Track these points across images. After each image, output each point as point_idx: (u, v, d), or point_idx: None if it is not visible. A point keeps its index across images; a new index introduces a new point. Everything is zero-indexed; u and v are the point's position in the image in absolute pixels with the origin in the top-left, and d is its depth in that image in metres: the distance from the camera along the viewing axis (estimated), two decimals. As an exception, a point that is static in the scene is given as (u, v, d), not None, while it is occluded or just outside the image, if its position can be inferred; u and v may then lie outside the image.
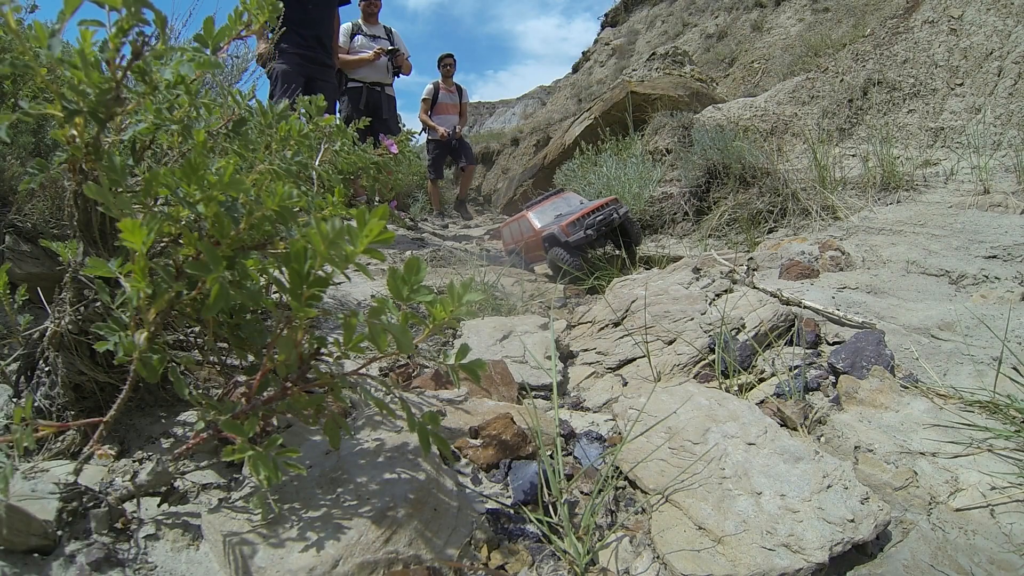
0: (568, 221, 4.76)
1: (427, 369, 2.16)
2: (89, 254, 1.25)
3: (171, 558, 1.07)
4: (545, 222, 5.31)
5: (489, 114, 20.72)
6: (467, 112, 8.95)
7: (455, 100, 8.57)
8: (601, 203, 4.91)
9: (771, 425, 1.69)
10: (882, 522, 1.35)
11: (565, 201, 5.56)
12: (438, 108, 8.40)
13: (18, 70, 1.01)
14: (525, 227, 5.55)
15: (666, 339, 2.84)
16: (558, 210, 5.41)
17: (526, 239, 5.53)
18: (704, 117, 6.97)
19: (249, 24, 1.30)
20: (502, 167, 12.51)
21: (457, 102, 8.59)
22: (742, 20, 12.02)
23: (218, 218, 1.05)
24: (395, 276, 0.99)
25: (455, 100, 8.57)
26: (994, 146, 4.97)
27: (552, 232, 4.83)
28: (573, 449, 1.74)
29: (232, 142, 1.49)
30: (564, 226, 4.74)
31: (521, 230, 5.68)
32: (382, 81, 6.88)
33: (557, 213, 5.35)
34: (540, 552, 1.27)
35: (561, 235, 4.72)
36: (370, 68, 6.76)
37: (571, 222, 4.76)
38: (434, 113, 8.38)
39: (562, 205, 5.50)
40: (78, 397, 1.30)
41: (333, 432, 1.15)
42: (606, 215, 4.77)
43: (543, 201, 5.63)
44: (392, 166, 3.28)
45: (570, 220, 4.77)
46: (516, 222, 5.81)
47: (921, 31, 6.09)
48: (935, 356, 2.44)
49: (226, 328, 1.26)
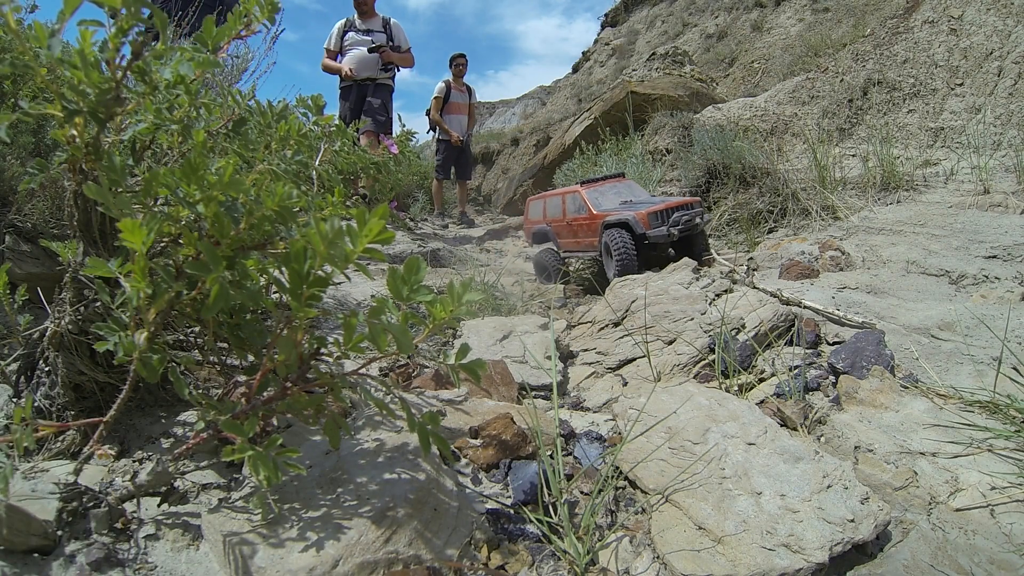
0: (650, 211, 4.16)
1: (427, 369, 2.16)
2: (89, 254, 1.25)
3: (171, 558, 1.07)
4: (607, 206, 4.64)
5: (489, 114, 20.72)
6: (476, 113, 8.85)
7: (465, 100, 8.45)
8: (686, 201, 4.36)
9: (771, 425, 1.69)
10: (882, 522, 1.35)
11: (628, 188, 4.94)
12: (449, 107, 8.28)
13: (18, 70, 1.01)
14: (574, 207, 4.82)
15: (666, 339, 2.85)
16: (623, 196, 4.79)
17: (572, 221, 4.82)
18: (704, 117, 6.97)
19: (249, 24, 1.30)
20: (502, 167, 12.51)
21: (467, 102, 8.47)
22: (742, 20, 12.02)
23: (218, 218, 1.05)
24: (395, 276, 0.99)
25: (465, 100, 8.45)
26: (994, 146, 4.97)
27: (624, 219, 4.23)
28: (573, 449, 1.74)
29: (232, 142, 1.49)
30: (644, 216, 4.12)
31: (566, 209, 4.93)
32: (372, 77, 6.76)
33: (624, 199, 4.73)
34: (540, 552, 1.27)
35: (638, 225, 4.14)
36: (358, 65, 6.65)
37: (653, 213, 4.15)
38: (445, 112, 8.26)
39: (625, 191, 4.87)
40: (78, 397, 1.30)
41: (333, 432, 1.15)
42: (692, 217, 4.23)
43: (599, 182, 4.96)
44: (392, 166, 3.28)
45: (652, 210, 4.16)
46: (558, 198, 5.06)
47: (921, 31, 6.09)
48: (935, 356, 2.44)
49: (226, 328, 1.26)
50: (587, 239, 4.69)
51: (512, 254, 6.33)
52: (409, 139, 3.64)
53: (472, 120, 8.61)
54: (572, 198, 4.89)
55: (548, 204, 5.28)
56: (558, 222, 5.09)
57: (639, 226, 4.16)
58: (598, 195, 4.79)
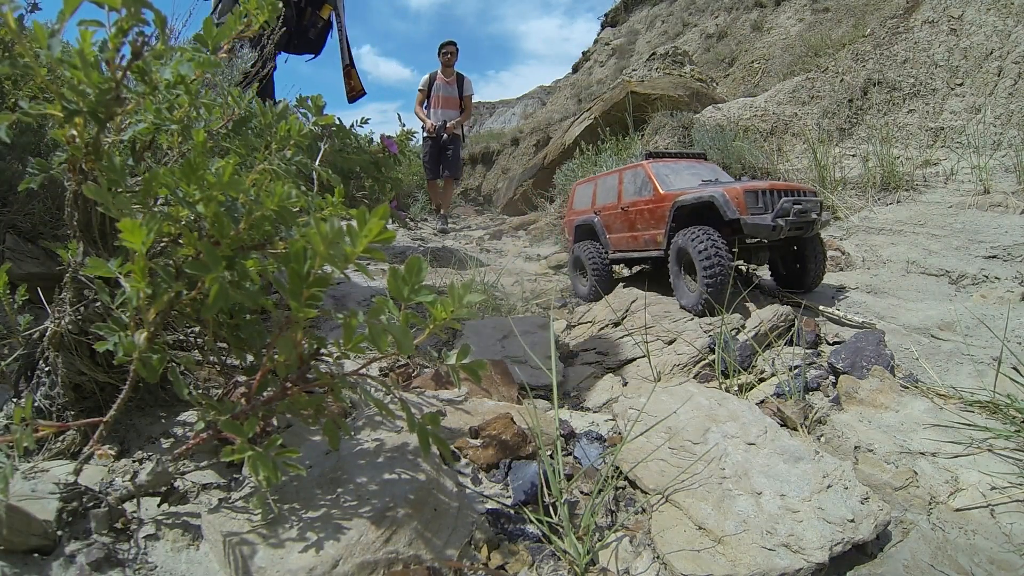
0: (747, 187, 2.95)
1: (427, 369, 2.16)
2: (89, 254, 1.25)
3: (171, 558, 1.07)
4: (681, 184, 3.49)
5: (489, 114, 20.74)
6: (470, 106, 7.75)
7: (453, 93, 7.46)
8: (797, 186, 3.12)
9: (771, 425, 1.69)
10: (882, 522, 1.35)
11: (709, 169, 3.82)
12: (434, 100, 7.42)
13: (18, 70, 1.01)
14: (633, 187, 3.67)
15: (666, 339, 2.85)
16: (701, 175, 3.68)
17: (628, 207, 3.64)
18: (704, 117, 6.97)
19: (249, 24, 1.30)
20: (502, 167, 12.52)
21: (456, 95, 7.48)
22: (742, 20, 12.03)
23: (218, 218, 1.05)
24: (396, 276, 0.99)
25: (453, 93, 7.46)
26: (994, 146, 4.97)
27: (708, 198, 3.02)
28: (573, 449, 1.74)
29: (232, 142, 1.49)
30: (740, 193, 2.91)
31: (622, 192, 3.76)
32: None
33: (703, 178, 3.63)
34: (540, 552, 1.26)
35: (728, 206, 2.91)
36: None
37: (751, 191, 2.92)
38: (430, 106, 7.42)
39: (705, 171, 3.76)
40: (78, 397, 1.30)
41: (333, 432, 1.15)
42: (808, 208, 2.96)
43: (671, 158, 3.85)
44: (392, 166, 3.28)
45: (750, 187, 2.95)
46: (613, 178, 3.93)
47: (921, 31, 6.10)
48: (935, 356, 2.44)
49: (226, 328, 1.26)
50: (648, 232, 3.46)
51: (512, 254, 6.32)
52: (409, 139, 3.64)
53: (466, 114, 7.67)
54: (633, 176, 3.69)
55: (600, 187, 4.06)
56: (609, 210, 3.85)
57: (730, 208, 2.90)
58: (669, 172, 3.57)
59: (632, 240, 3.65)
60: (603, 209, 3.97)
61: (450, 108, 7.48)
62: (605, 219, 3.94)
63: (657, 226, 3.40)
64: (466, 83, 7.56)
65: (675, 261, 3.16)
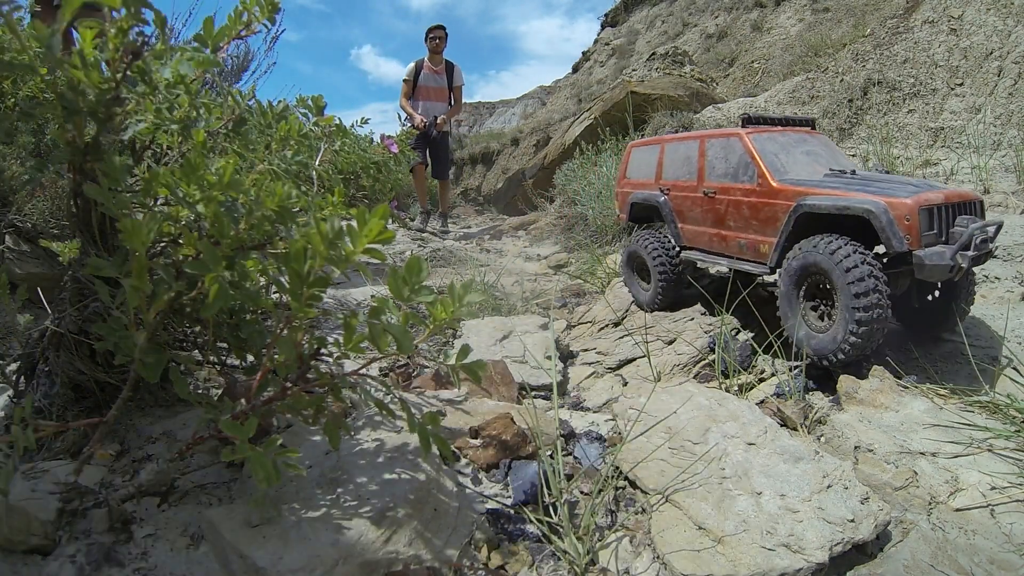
0: (923, 201, 2.04)
1: (427, 369, 2.16)
2: (89, 254, 1.25)
3: (171, 558, 1.07)
4: (799, 173, 2.49)
5: (489, 114, 20.75)
6: (461, 98, 6.89)
7: (441, 83, 6.60)
8: (966, 195, 2.21)
9: (771, 425, 1.69)
10: (882, 522, 1.35)
11: (824, 146, 2.75)
12: (419, 92, 6.58)
13: (18, 70, 1.01)
14: (724, 164, 2.70)
15: (666, 339, 2.85)
16: (819, 157, 2.65)
17: (718, 191, 2.70)
18: (704, 117, 6.97)
19: (249, 24, 1.30)
20: (502, 167, 12.53)
21: (444, 85, 6.61)
22: (742, 20, 12.03)
23: (218, 218, 1.05)
24: (396, 276, 0.99)
25: (441, 83, 6.60)
26: (994, 146, 4.97)
27: (863, 211, 2.09)
28: (573, 449, 1.74)
29: (232, 142, 1.49)
30: (911, 213, 2.01)
31: (705, 167, 2.81)
32: None
33: (825, 162, 2.61)
34: (540, 552, 1.27)
35: (896, 234, 2.02)
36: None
37: (928, 207, 2.04)
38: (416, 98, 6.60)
39: (821, 149, 2.71)
40: (78, 397, 1.30)
41: (333, 432, 1.15)
42: (991, 235, 2.14)
43: (774, 126, 2.82)
44: (392, 166, 3.29)
45: (926, 201, 2.05)
46: (692, 144, 2.95)
47: (921, 31, 6.09)
48: (935, 356, 2.44)
49: (226, 328, 1.26)
50: (746, 235, 2.56)
51: (512, 254, 6.32)
52: (409, 139, 3.64)
53: (456, 107, 6.80)
54: (723, 149, 2.71)
55: (669, 154, 3.10)
56: (684, 191, 2.93)
57: (897, 235, 2.02)
58: (779, 151, 2.57)
59: (718, 241, 2.72)
60: (674, 187, 3.01)
61: (439, 100, 6.62)
62: (677, 202, 2.99)
63: (763, 230, 2.46)
64: (456, 72, 6.68)
65: (792, 283, 2.26)
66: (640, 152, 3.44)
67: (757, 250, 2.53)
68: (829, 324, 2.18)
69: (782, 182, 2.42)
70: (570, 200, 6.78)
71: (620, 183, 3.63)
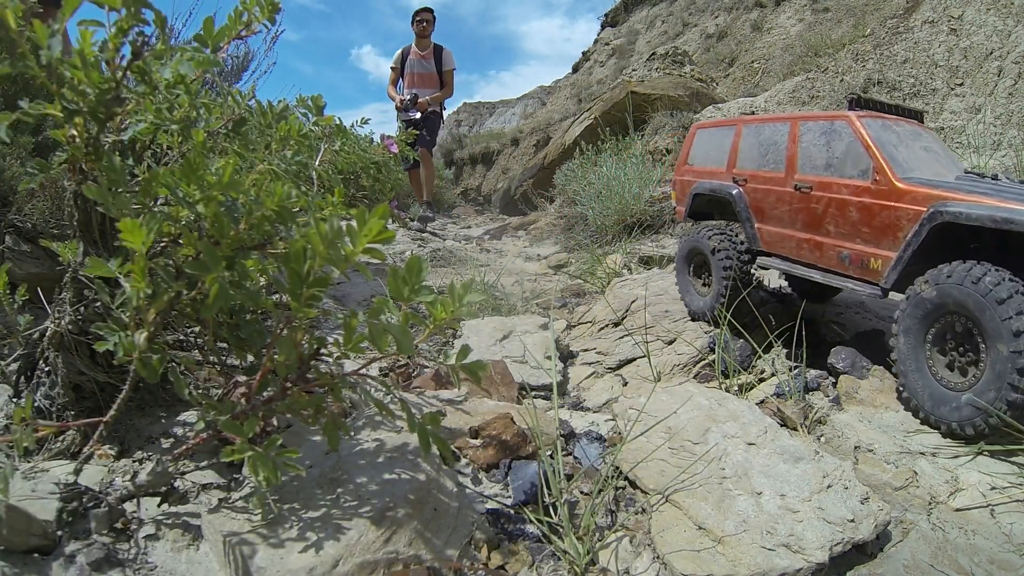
0: None
1: (427, 369, 2.16)
2: (89, 254, 1.25)
3: (171, 558, 1.07)
4: (923, 168, 2.13)
5: (489, 114, 20.75)
6: (452, 82, 6.29)
7: (430, 68, 6.13)
8: None
9: (771, 425, 1.69)
10: (882, 522, 1.35)
11: (936, 142, 2.42)
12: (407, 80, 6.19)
13: (18, 70, 1.01)
14: (827, 153, 2.27)
15: (666, 339, 2.84)
16: (937, 153, 2.31)
17: (817, 188, 2.26)
18: (704, 117, 6.98)
19: (249, 24, 1.30)
20: (502, 167, 12.53)
21: (433, 71, 6.14)
22: (742, 20, 12.04)
23: (218, 218, 1.05)
24: (396, 276, 0.99)
25: (430, 68, 6.13)
26: (994, 146, 4.97)
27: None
28: (573, 449, 1.74)
29: (232, 142, 1.49)
30: None
31: (796, 155, 2.37)
32: None
33: (944, 159, 2.31)
34: (540, 552, 1.27)
35: None
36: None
37: None
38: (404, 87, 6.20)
39: (935, 145, 2.37)
40: (78, 397, 1.30)
41: (332, 433, 1.15)
42: None
43: (886, 114, 2.36)
44: (392, 166, 3.29)
45: None
46: (781, 128, 2.49)
47: (921, 31, 6.10)
48: (935, 356, 2.44)
49: (226, 328, 1.26)
50: (853, 244, 2.12)
51: (512, 254, 6.32)
52: (409, 139, 3.64)
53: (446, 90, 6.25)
54: (822, 132, 2.29)
55: (748, 138, 2.64)
56: (767, 183, 2.47)
57: None
58: (897, 143, 2.18)
59: (810, 248, 2.24)
60: (753, 178, 2.53)
61: (427, 87, 6.17)
62: (756, 196, 2.51)
63: (877, 240, 2.02)
64: (445, 55, 6.16)
65: (919, 317, 1.84)
66: (708, 134, 2.93)
67: (865, 265, 2.04)
68: (969, 380, 1.72)
69: (908, 181, 1.97)
70: (570, 200, 6.77)
71: (679, 169, 3.12)
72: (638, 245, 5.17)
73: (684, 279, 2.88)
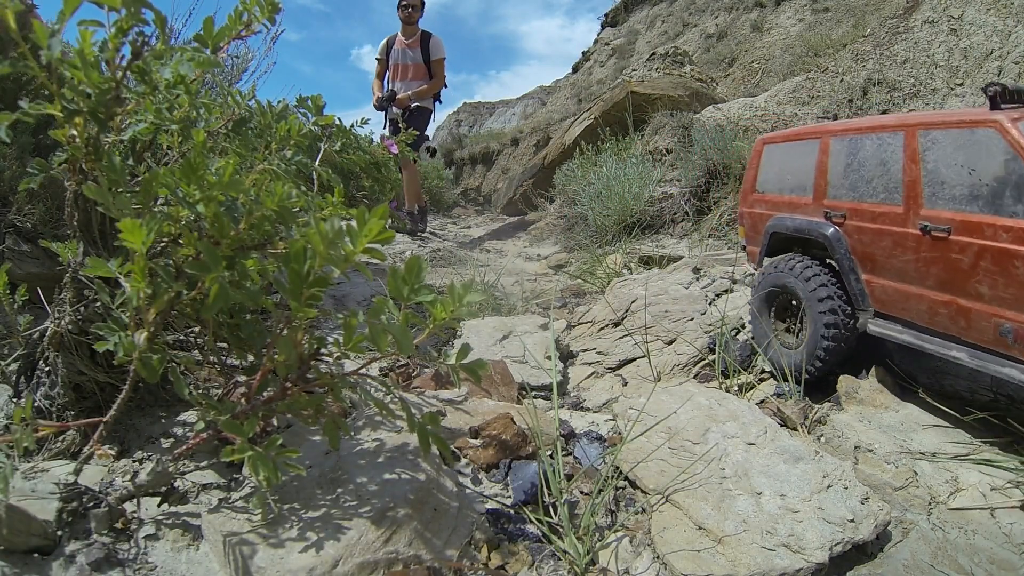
0: None
1: (427, 369, 2.16)
2: (89, 254, 1.25)
3: (171, 558, 1.07)
4: None
5: (489, 114, 20.75)
6: (442, 72, 5.56)
7: (416, 59, 5.45)
8: None
9: (771, 425, 1.69)
10: (882, 522, 1.35)
11: None
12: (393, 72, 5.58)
13: (18, 70, 1.01)
14: (968, 178, 1.57)
15: (666, 339, 2.84)
16: None
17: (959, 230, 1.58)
18: (704, 117, 6.97)
19: (249, 24, 1.30)
20: (502, 167, 12.53)
21: (420, 61, 5.45)
22: (742, 20, 12.04)
23: (218, 218, 1.05)
24: (396, 276, 0.99)
25: (416, 59, 5.45)
26: (994, 146, 4.96)
27: None
28: (573, 449, 1.74)
29: (232, 142, 1.49)
30: None
31: (925, 181, 1.69)
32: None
33: None
34: (540, 552, 1.27)
35: None
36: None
37: None
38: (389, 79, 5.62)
39: None
40: (78, 397, 1.30)
41: (332, 432, 1.15)
42: None
43: None
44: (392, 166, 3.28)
45: None
46: (892, 140, 1.81)
47: (921, 31, 6.09)
48: (935, 356, 2.44)
49: (226, 328, 1.26)
50: (1020, 315, 1.47)
51: (512, 254, 6.32)
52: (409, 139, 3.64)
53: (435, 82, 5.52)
54: (957, 145, 1.63)
55: (842, 154, 2.03)
56: (880, 219, 1.87)
57: None
58: None
59: (949, 315, 1.65)
60: (855, 213, 1.92)
61: (415, 79, 5.48)
62: (862, 238, 1.91)
63: None
64: (433, 43, 5.46)
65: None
66: (781, 151, 2.23)
67: None
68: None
69: None
70: (570, 200, 6.77)
71: (746, 198, 2.42)
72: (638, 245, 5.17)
73: (763, 320, 2.27)
